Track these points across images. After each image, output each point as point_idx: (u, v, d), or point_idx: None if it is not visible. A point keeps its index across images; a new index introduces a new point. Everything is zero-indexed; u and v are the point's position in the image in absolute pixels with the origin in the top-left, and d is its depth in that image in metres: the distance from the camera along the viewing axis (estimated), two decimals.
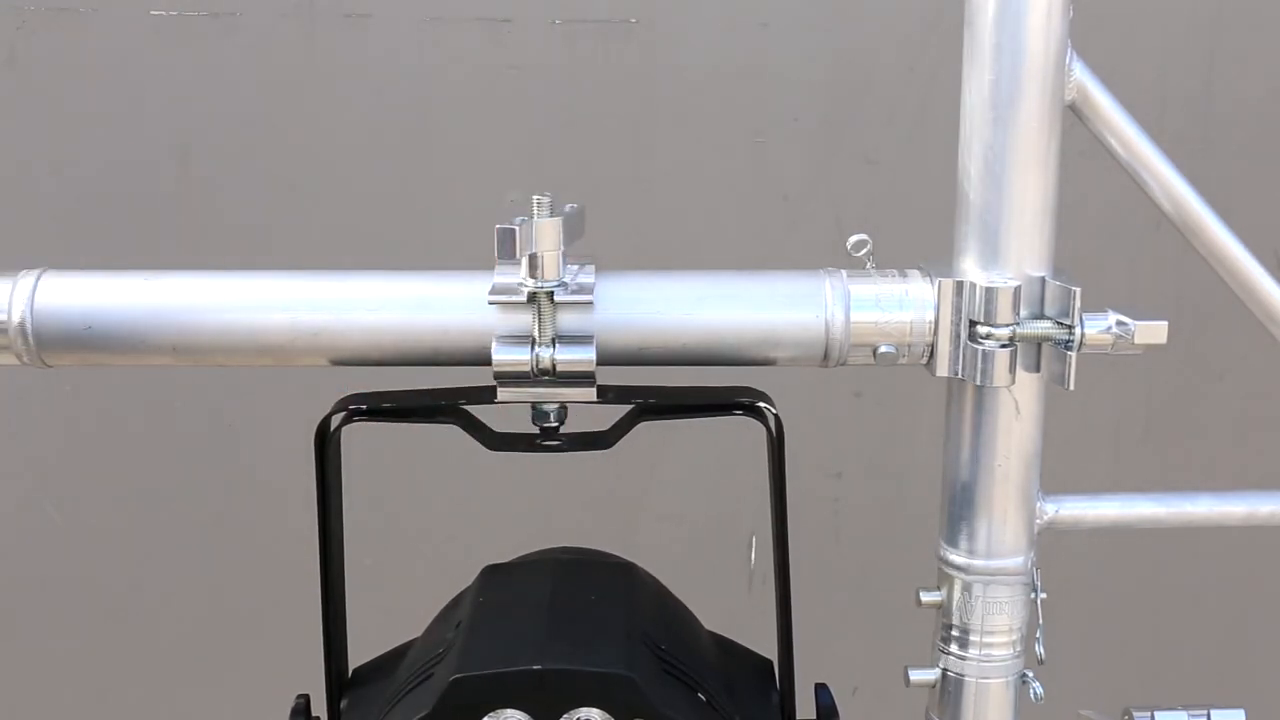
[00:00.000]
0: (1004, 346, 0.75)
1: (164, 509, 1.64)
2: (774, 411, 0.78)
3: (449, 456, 1.49)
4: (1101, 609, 1.70)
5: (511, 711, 0.71)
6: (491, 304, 0.75)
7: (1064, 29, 0.75)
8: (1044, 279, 0.76)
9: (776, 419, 0.78)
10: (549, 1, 1.50)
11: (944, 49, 1.50)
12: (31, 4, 1.49)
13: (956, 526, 0.81)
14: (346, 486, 0.83)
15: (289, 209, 1.55)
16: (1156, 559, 1.69)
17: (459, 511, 1.64)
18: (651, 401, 0.79)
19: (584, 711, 0.72)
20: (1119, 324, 0.75)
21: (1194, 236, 0.81)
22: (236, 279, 0.78)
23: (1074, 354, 0.75)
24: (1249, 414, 1.65)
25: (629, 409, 0.80)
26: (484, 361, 0.75)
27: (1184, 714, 0.84)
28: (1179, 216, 0.81)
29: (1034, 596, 0.82)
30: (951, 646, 0.82)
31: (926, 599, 0.83)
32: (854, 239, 0.78)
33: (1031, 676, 0.83)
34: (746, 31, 1.52)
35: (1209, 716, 0.84)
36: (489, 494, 1.62)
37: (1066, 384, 0.75)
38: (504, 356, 0.75)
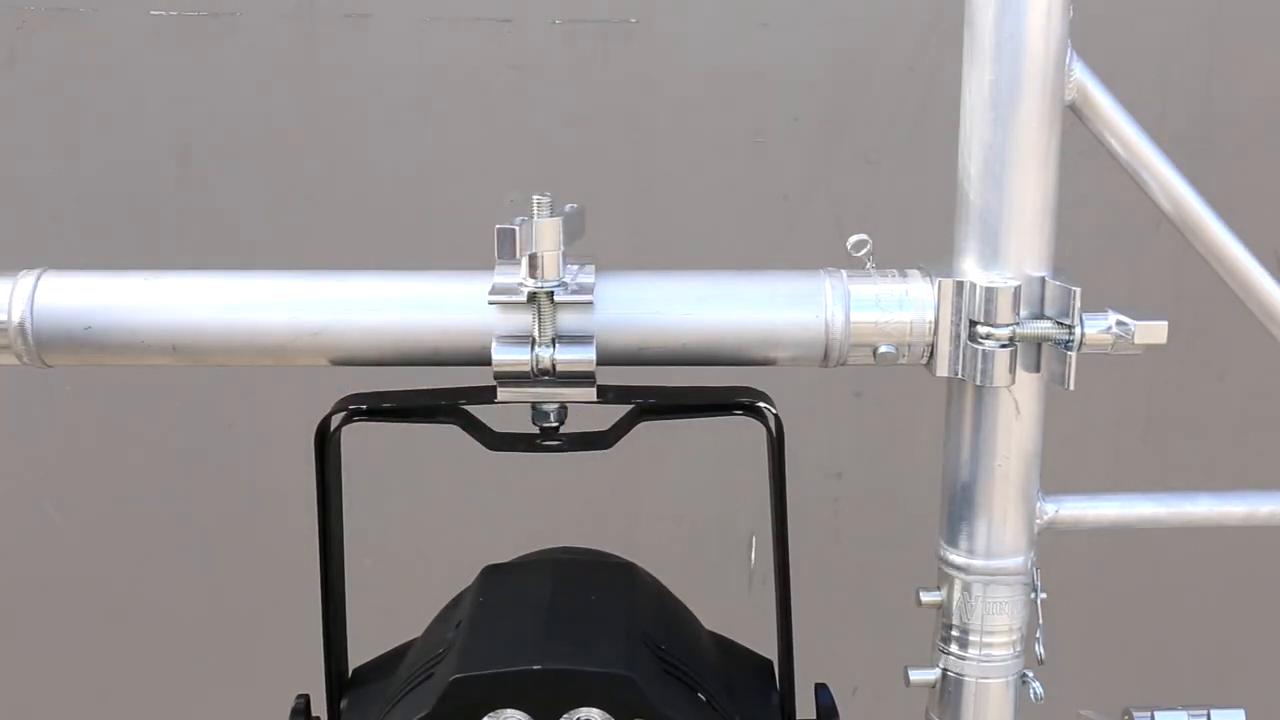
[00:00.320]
0: (1004, 346, 0.75)
1: (164, 509, 1.64)
2: (774, 411, 0.78)
3: (449, 456, 1.49)
4: (1101, 609, 1.70)
5: (511, 711, 0.71)
6: (491, 304, 0.75)
7: (1064, 29, 0.75)
8: (1044, 279, 0.76)
9: (776, 419, 0.78)
10: (549, 1, 1.50)
11: (944, 49, 1.50)
12: (31, 4, 1.49)
13: (956, 526, 0.81)
14: (346, 486, 0.83)
15: (289, 209, 1.55)
16: (1156, 559, 1.69)
17: (459, 511, 1.64)
18: (651, 401, 0.79)
19: (584, 711, 0.71)
20: (1119, 324, 0.75)
21: (1194, 236, 0.81)
22: (236, 279, 0.78)
23: (1074, 354, 0.75)
24: (1249, 414, 1.65)
25: (629, 409, 0.80)
26: (484, 361, 0.75)
27: (1184, 714, 0.84)
28: (1179, 216, 0.81)
29: (1034, 596, 0.82)
30: (951, 646, 0.82)
31: (926, 599, 0.83)
32: (854, 239, 0.78)
33: (1031, 676, 0.83)
34: (746, 31, 1.52)
35: (1209, 716, 0.84)
36: (489, 494, 1.62)
37: (1066, 384, 0.75)
38: (504, 356, 0.75)
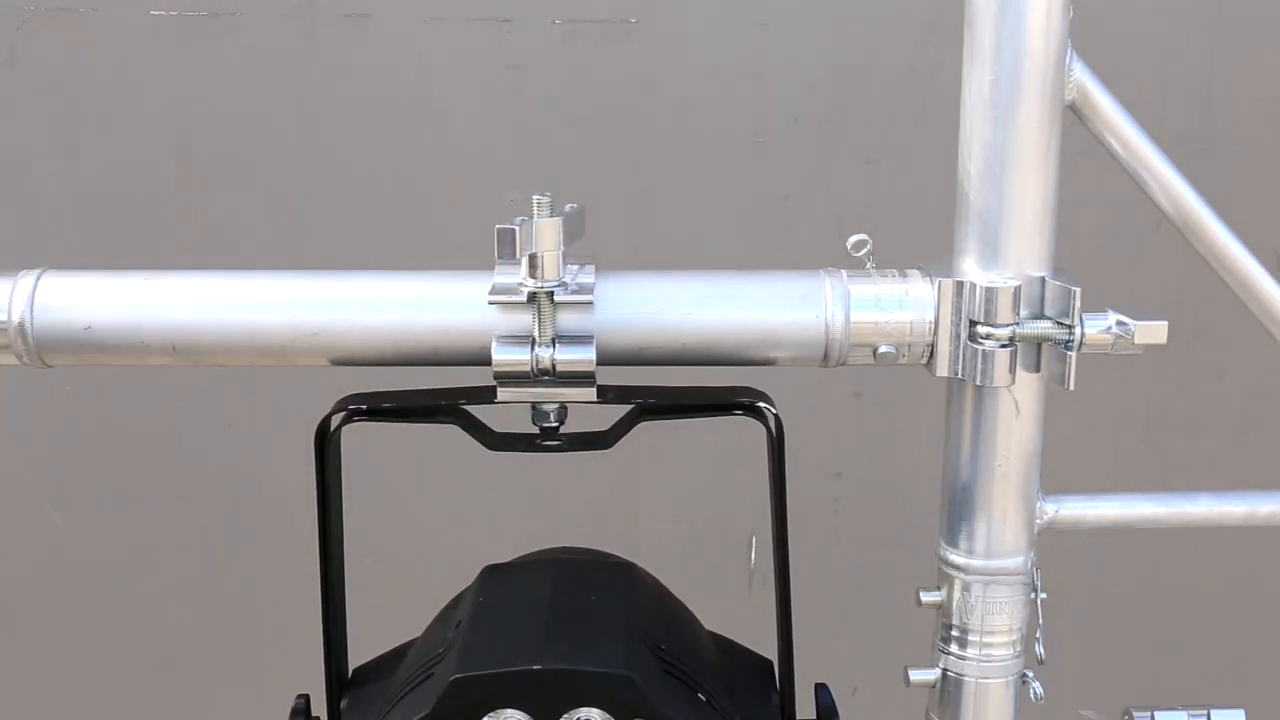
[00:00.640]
0: (1004, 346, 0.75)
1: (164, 509, 1.64)
2: (774, 411, 0.78)
3: (449, 456, 1.48)
4: (1101, 609, 1.70)
5: (511, 711, 0.71)
6: (491, 304, 0.75)
7: (1064, 29, 0.75)
8: (1044, 279, 0.76)
9: (776, 419, 0.78)
10: (549, 1, 1.50)
11: (944, 49, 1.50)
12: (31, 4, 1.49)
13: (956, 526, 0.81)
14: (346, 486, 0.83)
15: (289, 209, 1.55)
16: (1156, 559, 1.69)
17: (459, 511, 1.64)
18: (651, 402, 0.79)
19: (584, 711, 0.71)
20: (1119, 324, 0.75)
21: (1194, 236, 0.81)
22: (236, 279, 0.78)
23: (1074, 354, 0.75)
24: (1249, 414, 1.65)
25: (629, 409, 0.79)
26: (484, 361, 0.75)
27: (1184, 714, 0.84)
28: (1179, 216, 0.81)
29: (1034, 596, 0.82)
30: (951, 646, 0.82)
31: (926, 599, 0.83)
32: (854, 239, 0.78)
33: (1031, 676, 0.83)
34: (746, 31, 1.52)
35: (1209, 716, 0.84)
36: (489, 494, 1.62)
37: (1066, 384, 0.75)
38: (504, 356, 0.75)
